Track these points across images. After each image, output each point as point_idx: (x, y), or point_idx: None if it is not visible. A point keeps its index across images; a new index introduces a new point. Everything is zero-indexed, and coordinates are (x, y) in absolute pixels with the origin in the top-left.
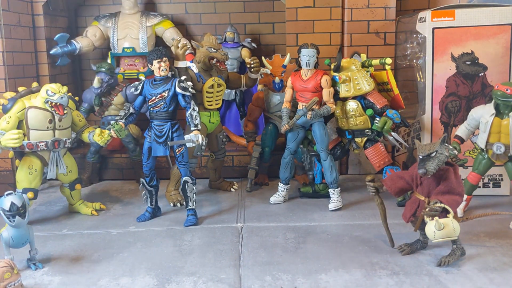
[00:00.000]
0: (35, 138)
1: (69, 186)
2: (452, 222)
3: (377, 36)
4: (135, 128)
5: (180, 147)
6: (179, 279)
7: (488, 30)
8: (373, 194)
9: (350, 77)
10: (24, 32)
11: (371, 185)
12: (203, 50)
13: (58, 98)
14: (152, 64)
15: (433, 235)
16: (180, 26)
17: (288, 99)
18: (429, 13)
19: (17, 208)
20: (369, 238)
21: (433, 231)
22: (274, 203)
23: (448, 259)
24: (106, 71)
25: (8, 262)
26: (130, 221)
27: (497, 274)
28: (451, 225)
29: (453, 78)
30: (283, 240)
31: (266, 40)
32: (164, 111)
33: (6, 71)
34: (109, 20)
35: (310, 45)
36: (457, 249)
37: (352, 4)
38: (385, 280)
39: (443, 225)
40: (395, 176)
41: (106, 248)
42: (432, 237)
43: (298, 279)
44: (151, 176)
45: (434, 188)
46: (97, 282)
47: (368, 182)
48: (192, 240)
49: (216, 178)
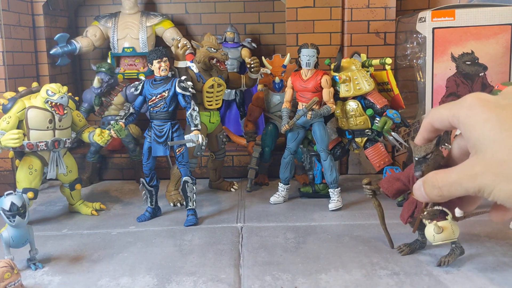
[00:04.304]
0: (35, 138)
1: (69, 186)
2: (451, 224)
3: (377, 36)
4: (135, 128)
5: (180, 147)
6: (179, 279)
7: (488, 30)
8: (370, 197)
9: (350, 77)
10: (24, 32)
11: (368, 188)
12: (203, 50)
13: (58, 98)
14: (152, 64)
15: (432, 238)
16: (180, 26)
17: (288, 99)
18: (429, 13)
19: (17, 208)
20: (369, 238)
21: (432, 235)
22: (274, 203)
23: (447, 259)
24: (106, 71)
25: (8, 262)
26: (130, 221)
27: (497, 274)
28: (450, 227)
29: (453, 78)
30: (283, 240)
31: (266, 40)
32: (164, 111)
33: (6, 71)
34: (109, 20)
35: (310, 45)
36: (456, 248)
37: (352, 4)
38: (385, 280)
39: (442, 228)
40: (392, 178)
41: (106, 248)
42: (432, 240)
43: (298, 279)
44: (151, 176)
45: None
46: (97, 282)
47: (365, 185)
48: (192, 240)
49: (216, 178)
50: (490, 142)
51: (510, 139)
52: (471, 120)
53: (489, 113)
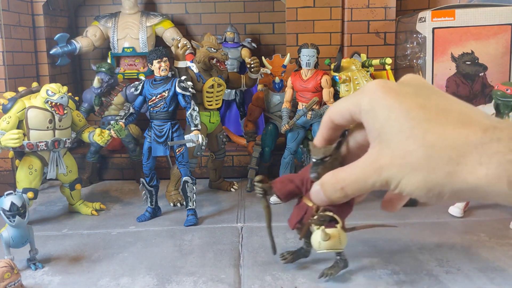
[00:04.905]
0: (35, 138)
1: (69, 186)
2: (339, 233)
3: (377, 36)
4: (135, 128)
5: (180, 147)
6: (179, 279)
7: (488, 30)
8: (261, 196)
9: (350, 77)
10: (24, 32)
11: (260, 186)
12: (203, 50)
13: (58, 98)
14: (152, 64)
15: (318, 245)
16: (180, 26)
17: (288, 99)
18: (429, 13)
19: (17, 208)
20: (369, 238)
21: (318, 241)
22: (274, 203)
23: (330, 271)
24: (106, 71)
25: (8, 262)
26: (130, 221)
27: (497, 274)
28: (338, 236)
29: (453, 78)
30: (283, 240)
31: (266, 40)
32: (164, 111)
33: (6, 71)
34: (109, 20)
35: (310, 45)
36: (341, 260)
37: (352, 4)
38: (385, 280)
39: (330, 235)
40: (286, 179)
41: (106, 248)
42: (317, 248)
43: (298, 279)
44: (151, 176)
45: None
46: (97, 282)
47: (256, 183)
48: (192, 240)
49: (216, 178)
50: (395, 131)
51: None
52: (374, 107)
53: (393, 100)
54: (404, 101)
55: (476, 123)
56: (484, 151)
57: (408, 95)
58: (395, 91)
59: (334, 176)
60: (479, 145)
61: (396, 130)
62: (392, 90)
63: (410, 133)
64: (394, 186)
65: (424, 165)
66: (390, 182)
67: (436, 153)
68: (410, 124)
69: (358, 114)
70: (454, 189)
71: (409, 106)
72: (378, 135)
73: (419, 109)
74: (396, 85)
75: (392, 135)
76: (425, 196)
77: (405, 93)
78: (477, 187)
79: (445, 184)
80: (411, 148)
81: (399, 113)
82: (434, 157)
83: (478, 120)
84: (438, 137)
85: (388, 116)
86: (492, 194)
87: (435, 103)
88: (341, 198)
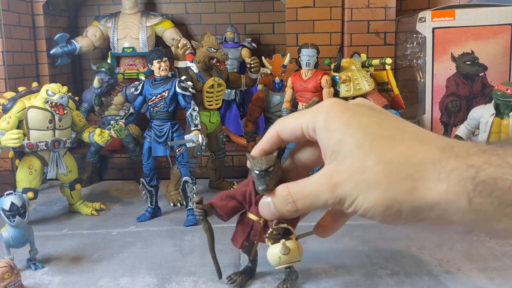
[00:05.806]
0: (35, 138)
1: (69, 186)
2: (297, 244)
3: (377, 36)
4: (135, 128)
5: (180, 147)
6: (179, 279)
7: (488, 30)
8: (202, 218)
9: (350, 77)
10: (24, 32)
11: (200, 207)
12: (203, 50)
13: (58, 98)
14: (152, 64)
15: (278, 260)
16: (180, 26)
17: (288, 99)
18: (429, 13)
19: (17, 208)
20: (369, 238)
21: (278, 256)
22: None
23: (286, 286)
24: (106, 71)
25: (8, 262)
26: (130, 221)
27: (497, 274)
28: (297, 247)
29: (453, 78)
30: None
31: (266, 40)
32: (164, 111)
33: (6, 71)
34: (109, 20)
35: (310, 45)
36: (292, 273)
37: (352, 4)
38: (385, 280)
39: (289, 248)
40: (225, 195)
41: (106, 248)
42: (277, 263)
43: (298, 279)
44: (151, 176)
45: None
46: (97, 282)
47: (196, 204)
48: (192, 240)
49: (216, 178)
50: (352, 147)
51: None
52: (330, 125)
53: (350, 118)
54: (361, 119)
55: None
56: (442, 167)
57: (364, 114)
58: (351, 109)
59: (285, 189)
60: (437, 162)
61: (353, 146)
62: (349, 109)
63: (367, 149)
64: (349, 204)
65: (382, 181)
66: (345, 200)
67: (394, 169)
68: (367, 140)
69: (312, 131)
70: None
71: (366, 123)
72: (334, 152)
73: (376, 127)
74: (351, 105)
75: (349, 151)
76: (382, 214)
77: (361, 112)
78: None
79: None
80: (368, 164)
81: (357, 130)
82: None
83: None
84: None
85: (345, 133)
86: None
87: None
88: (291, 212)
